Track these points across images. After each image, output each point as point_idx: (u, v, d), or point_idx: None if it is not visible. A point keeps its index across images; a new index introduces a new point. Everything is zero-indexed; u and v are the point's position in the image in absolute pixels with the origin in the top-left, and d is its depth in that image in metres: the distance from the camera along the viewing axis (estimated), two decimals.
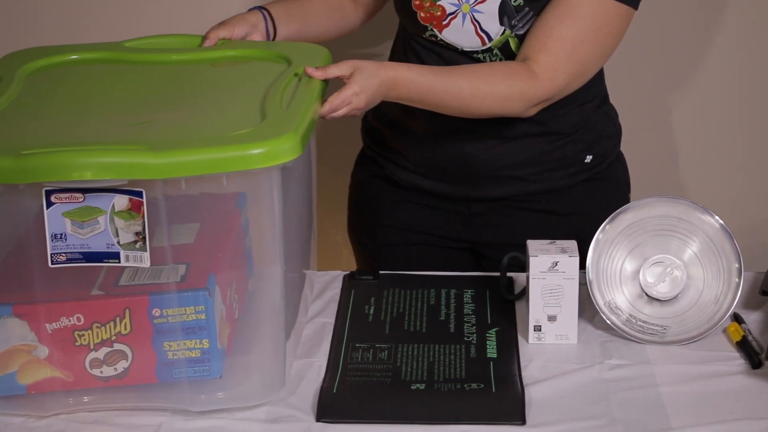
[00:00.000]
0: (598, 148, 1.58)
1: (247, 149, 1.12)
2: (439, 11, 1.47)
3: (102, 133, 1.19)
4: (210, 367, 1.22)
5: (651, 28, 1.93)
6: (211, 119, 1.24)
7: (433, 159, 1.57)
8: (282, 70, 1.35)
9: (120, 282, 1.24)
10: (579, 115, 1.55)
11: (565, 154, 1.55)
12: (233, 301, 1.30)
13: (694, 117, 2.04)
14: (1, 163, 1.11)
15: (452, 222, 1.61)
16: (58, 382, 1.22)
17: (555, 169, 1.56)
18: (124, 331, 1.21)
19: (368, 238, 1.68)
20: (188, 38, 1.49)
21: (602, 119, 1.59)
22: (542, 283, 1.34)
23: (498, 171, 1.55)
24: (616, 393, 1.25)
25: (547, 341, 1.35)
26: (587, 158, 1.57)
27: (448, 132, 1.53)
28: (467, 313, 1.42)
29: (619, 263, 1.38)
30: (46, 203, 1.13)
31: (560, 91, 1.44)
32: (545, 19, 1.42)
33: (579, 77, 1.45)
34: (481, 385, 1.26)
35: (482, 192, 1.57)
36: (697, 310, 1.37)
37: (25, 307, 1.21)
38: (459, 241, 1.63)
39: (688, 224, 1.39)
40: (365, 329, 1.39)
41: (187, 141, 1.14)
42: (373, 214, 1.66)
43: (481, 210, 1.59)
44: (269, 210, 1.18)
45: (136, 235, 1.15)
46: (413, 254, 1.63)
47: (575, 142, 1.55)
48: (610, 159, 1.60)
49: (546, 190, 1.57)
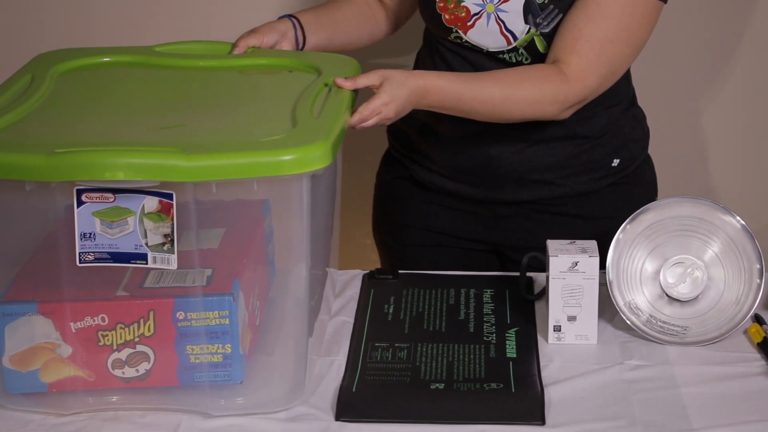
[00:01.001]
0: (625, 151, 1.57)
1: (278, 155, 1.13)
2: (463, 12, 1.47)
3: (134, 135, 1.20)
4: (231, 372, 1.23)
5: (680, 29, 1.93)
6: (242, 125, 1.24)
7: (459, 161, 1.57)
8: (312, 80, 1.36)
9: (145, 284, 1.24)
10: (606, 119, 1.54)
11: (592, 158, 1.55)
12: (255, 308, 1.31)
13: (723, 119, 2.04)
14: (34, 161, 1.12)
15: (476, 224, 1.61)
16: (80, 381, 1.23)
17: (581, 173, 1.55)
18: (147, 333, 1.22)
19: (392, 239, 1.69)
20: (217, 45, 1.50)
21: (630, 122, 1.58)
22: (562, 283, 1.34)
23: (524, 174, 1.55)
24: (636, 394, 1.25)
25: (566, 341, 1.35)
26: (614, 162, 1.56)
27: (474, 135, 1.53)
28: (487, 313, 1.42)
29: (639, 263, 1.38)
30: (77, 202, 1.14)
31: (593, 92, 1.44)
32: (573, 20, 1.41)
33: (610, 76, 1.45)
34: (501, 385, 1.26)
35: (507, 195, 1.57)
36: (718, 311, 1.37)
37: (50, 305, 1.21)
38: (483, 243, 1.63)
39: (710, 225, 1.38)
40: (385, 328, 1.39)
41: (218, 145, 1.15)
42: (397, 214, 1.67)
43: (506, 213, 1.59)
44: (298, 216, 1.19)
45: (165, 237, 1.15)
46: (437, 255, 1.63)
47: (602, 145, 1.55)
48: (637, 162, 1.59)
49: (572, 193, 1.56)
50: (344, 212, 1.52)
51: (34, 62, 1.41)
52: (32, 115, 1.26)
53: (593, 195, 1.57)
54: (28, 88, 1.32)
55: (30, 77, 1.35)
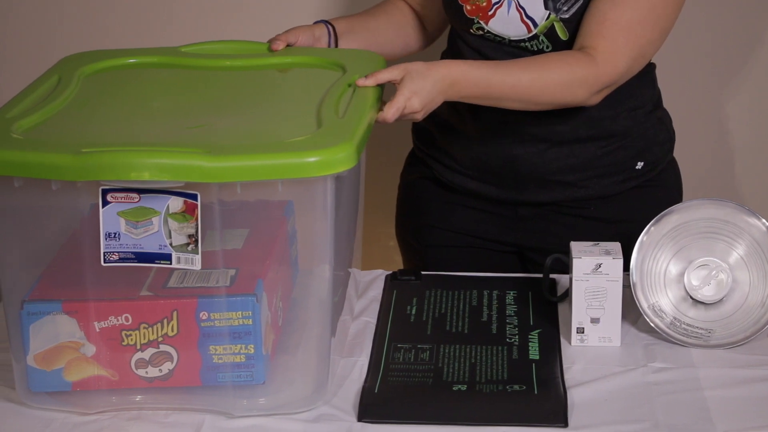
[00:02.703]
0: (650, 154, 1.57)
1: (303, 157, 1.13)
2: (484, 2, 1.47)
3: (160, 135, 1.21)
4: (254, 373, 1.23)
5: (707, 30, 1.92)
6: (266, 125, 1.25)
7: (482, 161, 1.57)
8: (337, 78, 1.36)
9: (169, 284, 1.24)
10: (630, 120, 1.54)
11: (616, 160, 1.55)
12: (278, 308, 1.31)
13: (751, 122, 2.02)
14: (61, 160, 1.13)
15: (499, 225, 1.61)
16: (104, 380, 1.24)
17: (604, 175, 1.55)
18: (170, 333, 1.22)
19: (415, 239, 1.69)
20: (243, 44, 1.51)
21: (654, 125, 1.57)
22: (585, 285, 1.33)
23: (546, 175, 1.55)
24: (660, 396, 1.25)
25: (589, 344, 1.35)
26: (638, 165, 1.56)
27: (497, 134, 1.53)
28: (509, 315, 1.42)
29: (663, 266, 1.38)
30: (102, 202, 1.15)
31: (621, 76, 1.42)
32: (597, 6, 1.41)
33: (639, 59, 1.43)
34: (524, 387, 1.26)
35: (530, 196, 1.57)
36: (743, 313, 1.36)
37: (74, 304, 1.22)
38: (506, 244, 1.63)
39: (734, 227, 1.38)
40: (407, 329, 1.39)
41: (243, 146, 1.16)
42: (420, 215, 1.67)
43: (528, 214, 1.59)
44: (321, 217, 1.19)
45: (189, 237, 1.16)
46: (459, 256, 1.64)
47: (626, 148, 1.54)
48: (661, 165, 1.59)
49: (594, 196, 1.56)
50: (368, 213, 1.52)
51: (60, 64, 1.43)
52: (59, 115, 1.27)
53: (616, 198, 1.57)
54: (55, 89, 1.33)
55: (57, 78, 1.36)
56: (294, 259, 1.40)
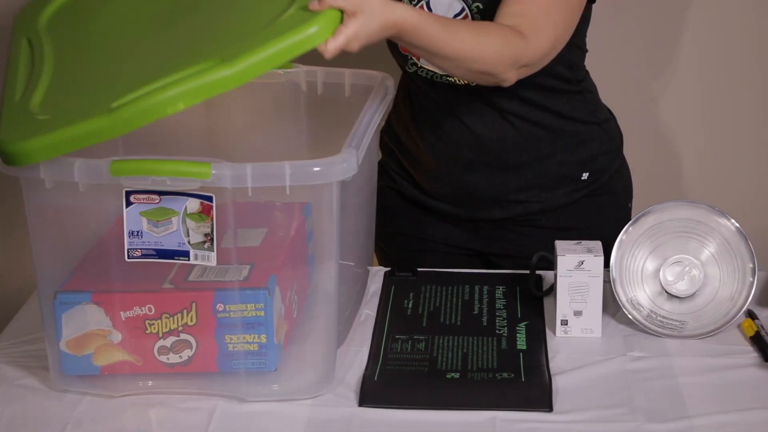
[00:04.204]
0: (595, 165, 1.55)
1: (304, 30, 1.10)
2: None
3: (166, 63, 1.14)
4: (266, 361, 1.24)
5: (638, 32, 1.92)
6: (246, 19, 1.19)
7: (438, 185, 1.57)
8: None
9: (189, 278, 1.26)
10: (572, 136, 1.53)
11: (561, 175, 1.54)
12: (292, 302, 1.32)
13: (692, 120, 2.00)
14: (98, 123, 1.10)
15: (462, 235, 1.61)
16: (129, 365, 1.26)
17: (553, 188, 1.55)
18: (190, 323, 1.24)
19: (384, 244, 1.68)
20: None
21: (598, 136, 1.56)
22: (569, 281, 1.35)
23: (499, 196, 1.54)
24: (638, 383, 1.27)
25: (573, 335, 1.37)
26: (584, 176, 1.55)
27: (449, 162, 1.53)
28: (499, 308, 1.44)
29: (640, 262, 1.39)
30: (126, 203, 1.17)
31: (543, 56, 1.36)
32: None
33: (557, 42, 1.38)
34: (512, 375, 1.28)
35: (486, 214, 1.57)
36: (714, 306, 1.38)
37: (102, 295, 1.24)
38: (470, 249, 1.63)
39: (706, 227, 1.39)
40: (404, 322, 1.40)
41: (247, 43, 1.10)
42: (389, 223, 1.65)
43: (488, 227, 1.59)
44: (328, 217, 1.21)
45: (205, 236, 1.18)
46: (427, 260, 1.62)
47: (569, 163, 1.54)
48: (609, 173, 1.57)
49: (546, 209, 1.56)
50: None
51: (17, 26, 1.35)
52: (56, 79, 1.22)
53: (567, 208, 1.56)
54: (33, 56, 1.26)
55: (26, 42, 1.30)
56: (311, 256, 1.40)
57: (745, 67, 1.97)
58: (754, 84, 1.98)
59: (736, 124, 2.01)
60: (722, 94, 1.99)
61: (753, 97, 1.99)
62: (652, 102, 2.00)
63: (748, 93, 1.99)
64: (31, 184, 1.20)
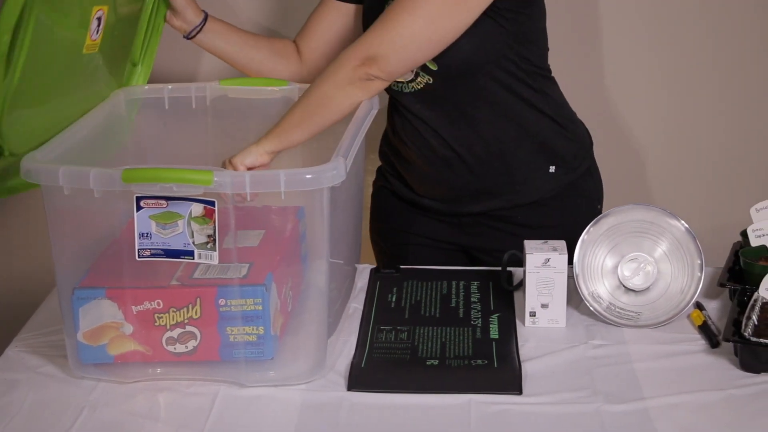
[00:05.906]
0: (558, 160, 1.58)
1: None
2: None
3: None
4: (264, 350, 1.28)
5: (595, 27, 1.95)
6: None
7: (425, 184, 1.64)
8: None
9: (194, 275, 1.31)
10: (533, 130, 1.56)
11: (530, 168, 1.58)
12: (287, 297, 1.36)
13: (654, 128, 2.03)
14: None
15: (447, 230, 1.68)
16: (140, 354, 1.30)
17: (523, 182, 1.58)
18: (195, 316, 1.28)
19: (382, 240, 1.75)
20: None
21: (561, 133, 1.58)
22: (536, 276, 1.40)
23: (477, 190, 1.60)
24: (598, 368, 1.32)
25: (540, 325, 1.42)
26: (551, 168, 1.58)
27: (430, 162, 1.59)
28: (474, 301, 1.49)
29: (601, 259, 1.45)
30: (136, 207, 1.22)
31: (379, 53, 1.39)
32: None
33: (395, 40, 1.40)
34: (485, 361, 1.33)
35: (467, 208, 1.63)
36: (666, 299, 1.43)
37: (115, 291, 1.28)
38: (455, 244, 1.69)
39: (659, 227, 1.44)
40: (388, 314, 1.46)
41: None
42: (385, 220, 1.72)
43: (470, 222, 1.65)
44: (319, 219, 1.26)
45: (208, 237, 1.22)
46: (418, 254, 1.69)
47: (535, 155, 1.56)
48: (578, 172, 1.60)
49: (520, 204, 1.60)
50: None
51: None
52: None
53: (540, 207, 1.60)
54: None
55: None
56: (305, 254, 1.45)
57: (701, 75, 2.00)
58: (711, 92, 2.02)
59: (692, 133, 2.06)
60: (683, 102, 2.03)
61: (709, 104, 2.03)
62: (617, 109, 2.04)
63: (705, 101, 2.03)
64: (51, 191, 1.26)
